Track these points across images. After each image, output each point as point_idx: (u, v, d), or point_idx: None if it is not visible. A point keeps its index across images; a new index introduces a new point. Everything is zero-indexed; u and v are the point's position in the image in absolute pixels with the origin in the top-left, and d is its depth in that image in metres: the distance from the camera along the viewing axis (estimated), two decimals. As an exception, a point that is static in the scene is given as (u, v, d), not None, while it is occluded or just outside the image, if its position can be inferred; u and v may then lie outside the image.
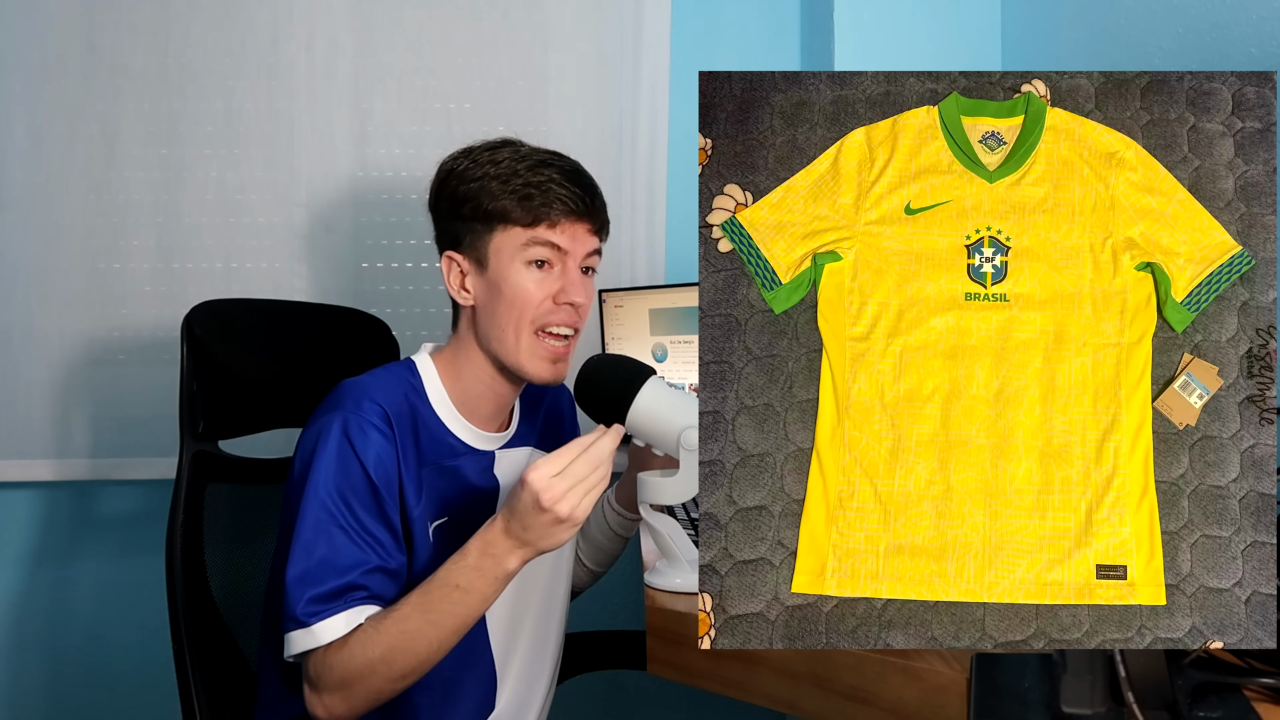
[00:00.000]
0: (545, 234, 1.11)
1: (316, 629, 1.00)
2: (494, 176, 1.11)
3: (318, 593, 1.01)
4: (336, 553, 1.02)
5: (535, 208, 1.10)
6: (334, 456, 1.05)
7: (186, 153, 1.88)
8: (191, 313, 1.25)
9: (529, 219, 1.10)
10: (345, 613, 1.00)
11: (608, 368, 1.11)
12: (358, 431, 1.06)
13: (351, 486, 1.05)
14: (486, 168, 1.12)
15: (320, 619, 1.00)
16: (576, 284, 1.12)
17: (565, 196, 1.10)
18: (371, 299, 1.90)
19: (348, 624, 1.00)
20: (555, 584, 1.26)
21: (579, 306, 1.13)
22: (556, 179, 1.11)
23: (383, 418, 1.08)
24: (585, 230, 1.13)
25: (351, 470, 1.05)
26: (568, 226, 1.11)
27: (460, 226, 1.15)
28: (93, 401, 1.87)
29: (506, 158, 1.12)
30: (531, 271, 1.12)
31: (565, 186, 1.10)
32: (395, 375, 1.15)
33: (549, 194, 1.10)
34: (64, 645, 1.92)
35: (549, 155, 1.14)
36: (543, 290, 1.12)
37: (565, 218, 1.11)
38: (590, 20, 1.92)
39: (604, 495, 1.40)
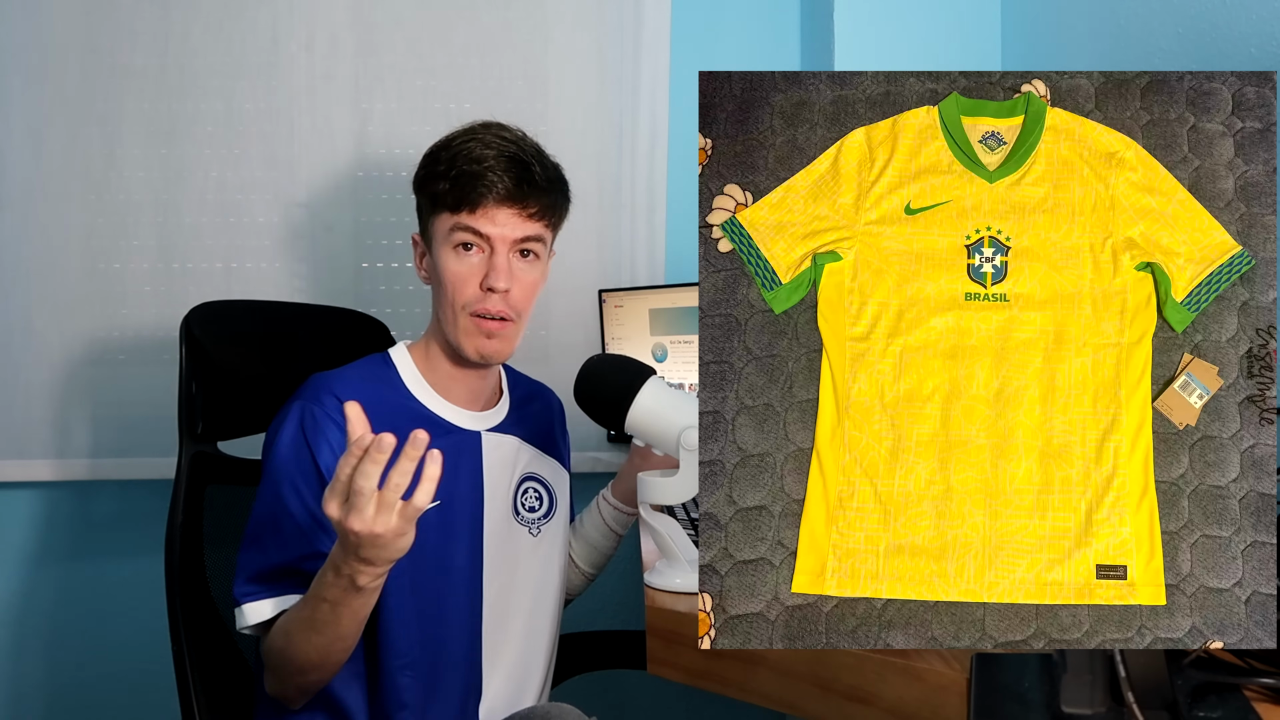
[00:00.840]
0: (467, 219, 1.12)
1: (246, 609, 1.05)
2: (443, 161, 1.14)
3: (254, 575, 1.05)
4: (278, 539, 1.06)
5: (460, 193, 1.12)
6: (289, 445, 1.09)
7: (186, 153, 1.88)
8: (191, 313, 1.25)
9: (454, 204, 1.12)
10: (274, 599, 1.05)
11: (607, 368, 1.11)
12: (311, 422, 1.09)
13: (302, 474, 1.08)
14: (441, 153, 1.15)
15: (251, 600, 1.05)
16: (500, 270, 1.13)
17: (492, 181, 1.11)
18: (371, 299, 1.90)
19: (273, 610, 1.04)
20: (548, 577, 1.27)
21: (505, 293, 1.13)
22: (489, 164, 1.11)
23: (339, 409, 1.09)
24: (512, 214, 1.13)
25: (303, 459, 1.08)
26: (491, 211, 1.12)
27: (419, 209, 1.20)
28: (93, 401, 1.87)
29: (458, 143, 1.14)
30: (460, 255, 1.14)
31: (494, 172, 1.11)
32: (366, 368, 1.18)
33: (476, 179, 1.11)
34: (64, 645, 1.92)
35: (498, 140, 1.14)
36: (469, 274, 1.13)
37: (491, 203, 1.12)
38: (590, 20, 1.92)
39: (600, 493, 1.40)
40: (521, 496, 1.25)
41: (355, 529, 0.87)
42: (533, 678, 1.23)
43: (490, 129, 1.16)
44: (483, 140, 1.13)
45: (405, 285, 1.93)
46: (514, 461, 1.24)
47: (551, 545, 1.27)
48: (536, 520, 1.25)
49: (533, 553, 1.24)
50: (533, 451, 1.28)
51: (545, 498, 1.28)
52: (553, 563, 1.28)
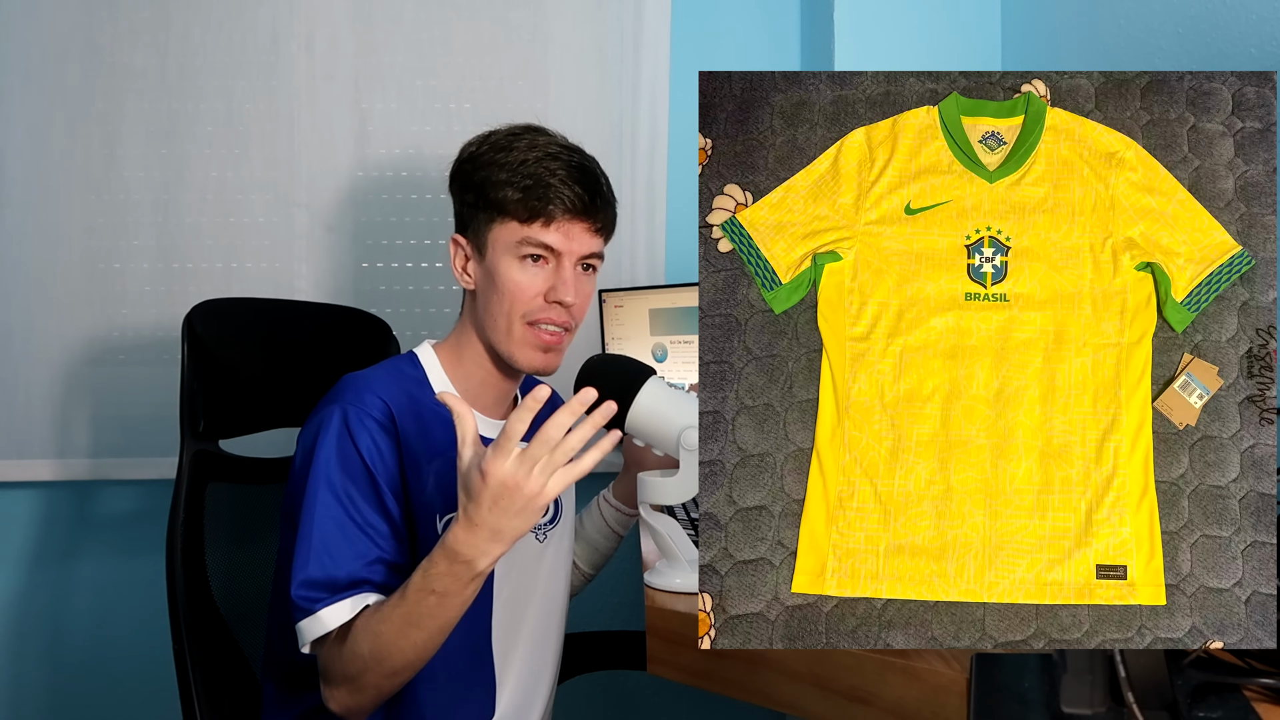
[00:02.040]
0: (539, 233, 1.10)
1: (322, 615, 0.99)
2: (502, 166, 1.11)
3: (322, 582, 1.01)
4: (340, 544, 1.03)
5: (533, 204, 1.09)
6: (334, 448, 1.05)
7: (186, 153, 1.88)
8: (192, 312, 1.25)
9: (526, 215, 1.10)
10: (348, 600, 1.00)
11: (607, 368, 1.11)
12: (357, 423, 1.06)
13: (351, 478, 1.05)
14: (498, 155, 1.12)
15: (324, 605, 1.00)
16: (569, 283, 1.11)
17: (566, 195, 1.09)
18: (372, 299, 1.90)
19: (351, 610, 1.00)
20: (554, 584, 1.26)
21: (570, 306, 1.12)
22: (560, 175, 1.09)
23: (383, 411, 1.08)
24: (583, 230, 1.12)
25: (351, 462, 1.05)
26: (564, 225, 1.11)
27: (467, 211, 1.16)
28: (93, 401, 1.87)
29: (519, 147, 1.11)
30: (525, 266, 1.11)
31: (568, 185, 1.09)
32: (397, 369, 1.16)
33: (549, 191, 1.09)
34: (64, 645, 1.92)
35: (561, 149, 1.12)
36: (535, 286, 1.11)
37: (563, 216, 1.10)
38: (590, 20, 1.92)
39: (600, 493, 1.40)
40: None
41: (522, 482, 0.88)
42: (542, 684, 1.23)
43: (541, 134, 1.14)
44: (545, 149, 1.11)
45: (405, 285, 1.93)
46: None
47: (557, 551, 1.27)
48: (543, 527, 1.24)
49: (539, 560, 1.23)
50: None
51: (552, 504, 1.28)
52: (559, 569, 1.27)
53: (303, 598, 1.00)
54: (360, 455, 1.05)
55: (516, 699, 1.19)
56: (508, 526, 0.91)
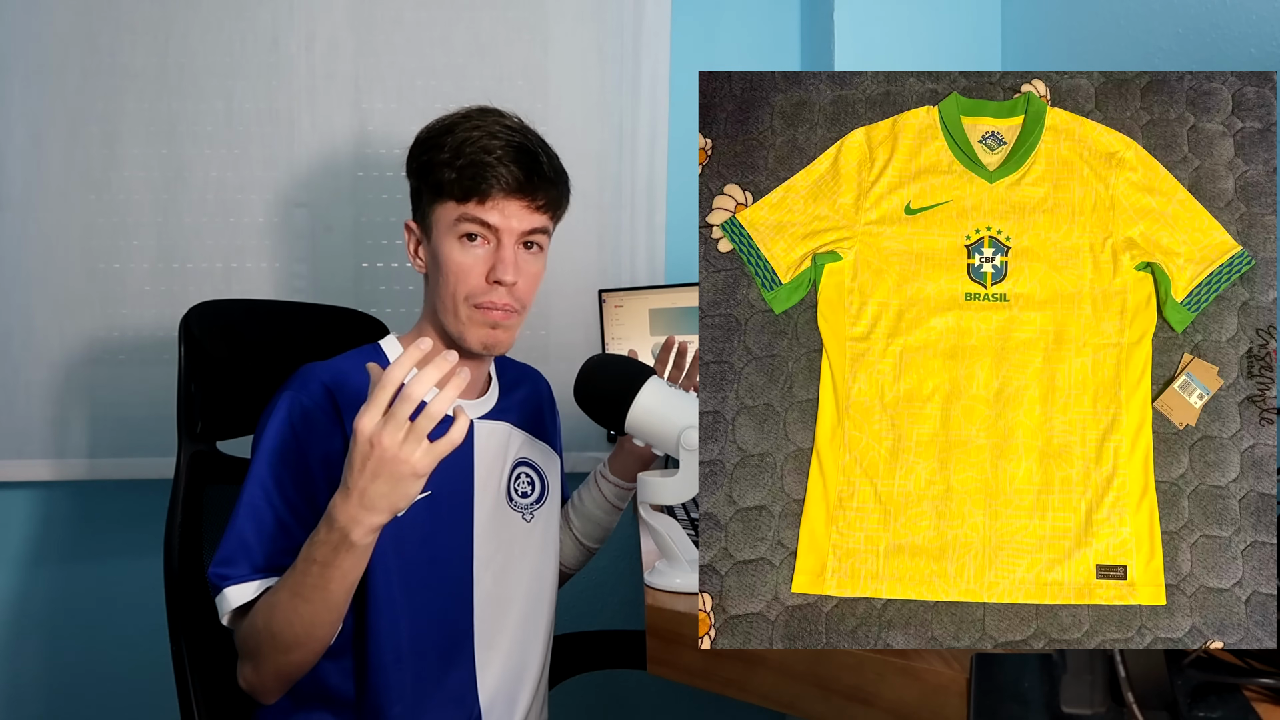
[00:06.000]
0: (475, 209, 1.11)
1: (228, 592, 1.03)
2: (443, 147, 1.12)
3: (234, 560, 1.04)
4: (260, 528, 1.05)
5: (467, 184, 1.10)
6: (275, 434, 1.08)
7: (186, 153, 1.88)
8: (189, 313, 1.25)
9: (461, 194, 1.11)
10: (257, 581, 1.03)
11: (607, 368, 1.11)
12: (299, 411, 1.09)
13: (285, 463, 1.07)
14: (443, 138, 1.13)
15: (231, 584, 1.03)
16: (508, 262, 1.12)
17: (501, 174, 1.10)
18: (371, 299, 1.90)
19: (256, 591, 1.03)
20: (543, 563, 1.27)
21: (512, 286, 1.13)
22: (497, 154, 1.10)
23: (327, 398, 1.09)
24: (520, 207, 1.12)
25: (289, 448, 1.08)
26: (500, 203, 1.11)
27: (416, 195, 1.18)
28: (92, 401, 1.87)
29: (462, 128, 1.13)
30: (465, 246, 1.12)
31: (503, 163, 1.10)
32: (357, 358, 1.17)
33: (484, 169, 1.10)
34: (63, 645, 1.92)
35: (502, 129, 1.13)
36: (475, 267, 1.12)
37: (498, 194, 1.11)
38: (590, 20, 1.92)
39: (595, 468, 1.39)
40: (514, 483, 1.24)
41: (384, 443, 0.89)
42: (531, 664, 1.23)
43: (489, 115, 1.15)
44: (487, 129, 1.12)
45: (405, 285, 1.93)
46: (506, 448, 1.24)
47: (545, 530, 1.27)
48: (529, 506, 1.25)
49: (526, 539, 1.24)
50: (524, 436, 1.28)
51: (537, 483, 1.28)
52: (547, 548, 1.28)
53: (214, 574, 1.04)
54: (299, 442, 1.08)
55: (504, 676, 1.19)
56: (376, 494, 0.92)
